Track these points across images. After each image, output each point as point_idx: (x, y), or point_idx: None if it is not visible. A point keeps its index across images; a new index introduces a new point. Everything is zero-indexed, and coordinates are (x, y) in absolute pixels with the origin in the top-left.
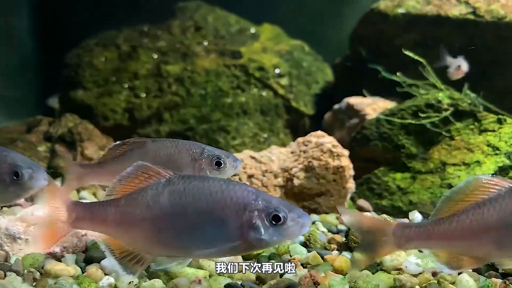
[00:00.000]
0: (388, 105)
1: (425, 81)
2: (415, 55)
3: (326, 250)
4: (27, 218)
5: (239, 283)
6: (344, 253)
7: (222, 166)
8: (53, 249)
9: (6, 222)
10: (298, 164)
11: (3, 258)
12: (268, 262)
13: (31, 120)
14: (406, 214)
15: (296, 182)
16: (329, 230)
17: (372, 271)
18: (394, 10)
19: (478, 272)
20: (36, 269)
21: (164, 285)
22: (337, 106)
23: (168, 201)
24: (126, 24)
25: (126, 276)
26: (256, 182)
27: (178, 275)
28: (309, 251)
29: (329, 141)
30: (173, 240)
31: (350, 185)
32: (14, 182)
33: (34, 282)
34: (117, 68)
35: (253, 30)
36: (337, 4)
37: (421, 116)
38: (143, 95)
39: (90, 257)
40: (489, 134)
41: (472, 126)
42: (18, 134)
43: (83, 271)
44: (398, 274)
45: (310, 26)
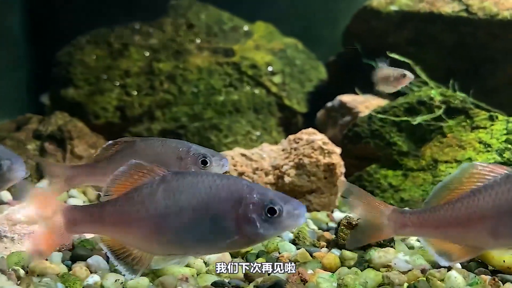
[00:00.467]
0: (380, 102)
1: (418, 78)
2: (408, 52)
3: (315, 247)
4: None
5: (226, 281)
6: (333, 250)
7: (208, 165)
8: (38, 247)
9: None
10: (289, 161)
11: None
12: (267, 262)
13: (21, 118)
14: None
15: (286, 179)
16: (319, 228)
17: (360, 268)
18: (387, 7)
19: (468, 269)
20: (21, 267)
21: (150, 283)
22: (329, 104)
23: (163, 198)
24: (119, 22)
25: (128, 275)
26: (247, 179)
27: (165, 273)
28: (298, 249)
29: (319, 138)
30: (170, 237)
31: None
32: None
33: (18, 281)
34: (108, 65)
35: (246, 28)
36: (331, 1)
37: (414, 114)
38: (135, 93)
39: (77, 255)
40: (481, 131)
41: (464, 123)
42: (7, 132)
43: (69, 269)
44: (386, 271)
45: (305, 24)
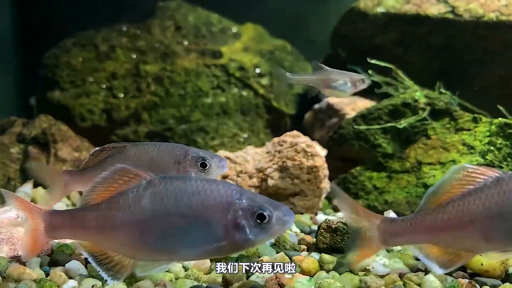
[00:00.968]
0: (367, 104)
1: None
2: (395, 54)
3: (295, 251)
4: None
5: (205, 286)
6: (312, 254)
7: (207, 167)
8: (16, 252)
9: None
10: (273, 164)
11: None
12: (267, 262)
13: (5, 121)
14: (381, 214)
15: (270, 182)
16: (301, 231)
17: (339, 272)
18: (374, 9)
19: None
20: None
21: None
22: (317, 106)
23: (150, 203)
24: (107, 24)
25: (111, 282)
26: (230, 182)
27: (143, 278)
28: (278, 252)
29: (303, 141)
30: (157, 243)
31: (325, 185)
32: None
33: None
34: (95, 68)
35: (235, 30)
36: (322, 3)
37: (399, 116)
38: (121, 96)
39: (56, 260)
40: (464, 133)
41: (448, 125)
42: None
43: (47, 275)
44: (364, 275)
45: (295, 26)
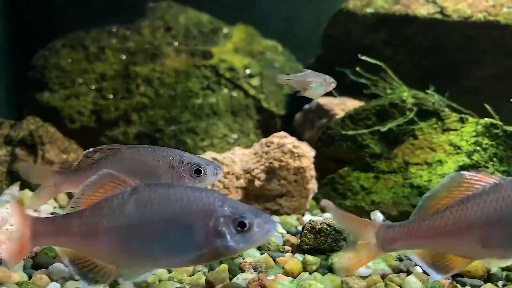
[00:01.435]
0: (357, 105)
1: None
2: (384, 55)
3: (279, 252)
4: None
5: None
6: (296, 255)
7: (202, 174)
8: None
9: None
10: (260, 165)
11: None
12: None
13: None
14: (368, 214)
15: (257, 183)
16: (288, 232)
17: (322, 273)
18: (363, 10)
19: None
20: None
21: None
22: (307, 106)
23: (134, 210)
24: (98, 25)
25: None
26: (217, 184)
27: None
28: (262, 254)
29: (290, 142)
30: (140, 250)
31: (312, 185)
32: None
33: None
34: (84, 69)
35: (225, 30)
36: (314, 4)
37: (386, 117)
38: (111, 97)
39: (39, 262)
40: (451, 133)
41: (435, 126)
42: None
43: (30, 278)
44: (346, 276)
45: (287, 26)
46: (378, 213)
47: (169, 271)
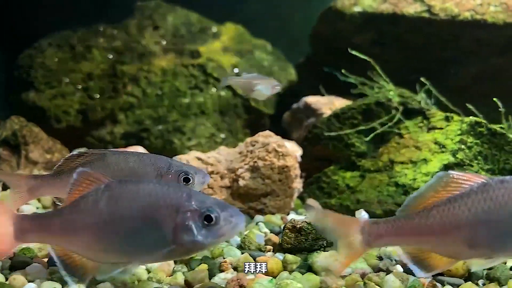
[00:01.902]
0: (345, 104)
1: (381, 79)
2: (373, 53)
3: (260, 251)
4: None
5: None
6: (277, 254)
7: (190, 182)
8: None
9: None
10: (245, 164)
11: None
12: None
13: None
14: (353, 213)
15: (241, 182)
16: (271, 231)
17: (302, 272)
18: (351, 9)
19: (408, 272)
20: None
21: None
22: (295, 106)
23: (106, 206)
24: (85, 25)
25: (74, 284)
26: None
27: (103, 280)
28: (243, 253)
29: (274, 141)
30: (114, 245)
31: (296, 185)
32: None
33: None
34: (71, 69)
35: (215, 29)
36: (306, 2)
37: (372, 116)
38: (97, 96)
39: (17, 263)
40: (437, 132)
41: (421, 124)
42: None
43: (7, 279)
44: (326, 275)
45: (279, 25)
46: (363, 211)
47: (148, 271)
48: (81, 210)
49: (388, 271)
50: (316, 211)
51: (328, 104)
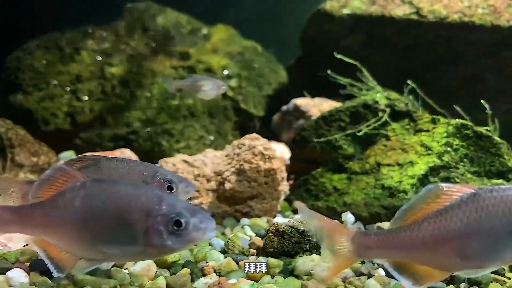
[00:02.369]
0: (333, 105)
1: (370, 81)
2: (361, 55)
3: (244, 255)
4: None
5: None
6: (260, 258)
7: (173, 191)
8: None
9: None
10: (231, 167)
11: None
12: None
13: None
14: (340, 215)
15: (227, 185)
16: (257, 234)
17: (284, 276)
18: (340, 11)
19: (391, 276)
20: None
21: None
22: (285, 108)
23: (81, 204)
24: (73, 26)
25: (56, 274)
26: (192, 182)
27: (85, 284)
28: (226, 257)
29: (261, 143)
30: (88, 243)
31: (283, 187)
32: None
33: None
34: (59, 71)
35: (205, 31)
36: (297, 4)
37: (359, 118)
38: (86, 98)
39: None
40: (423, 134)
41: (407, 127)
42: None
43: None
44: (307, 279)
45: (271, 27)
46: (349, 214)
47: (130, 275)
48: (58, 206)
49: (369, 275)
50: (309, 215)
51: (317, 106)
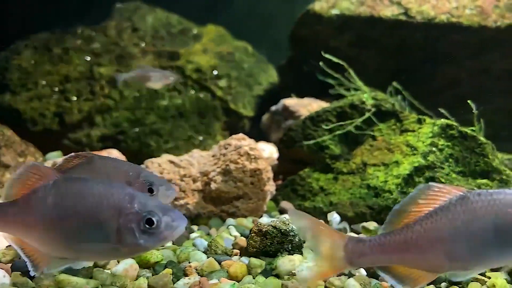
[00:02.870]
0: (322, 106)
1: (357, 81)
2: (350, 56)
3: (226, 255)
4: None
5: None
6: (242, 258)
7: (154, 193)
8: None
9: None
10: (217, 167)
11: None
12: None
13: None
14: (326, 215)
15: (213, 186)
16: (241, 234)
17: (266, 276)
18: (328, 12)
19: (373, 275)
20: None
21: None
22: (274, 108)
23: (52, 203)
24: (62, 26)
25: (32, 272)
26: (173, 187)
27: (66, 285)
28: (208, 257)
29: (246, 144)
30: (60, 242)
31: (269, 187)
32: None
33: None
34: (47, 71)
35: (195, 31)
36: (289, 5)
37: (346, 118)
38: (74, 99)
39: None
40: (409, 134)
41: (394, 127)
42: None
43: None
44: (288, 279)
45: (263, 28)
46: (335, 214)
47: (112, 276)
48: (31, 204)
49: (350, 275)
50: (302, 218)
51: (306, 106)
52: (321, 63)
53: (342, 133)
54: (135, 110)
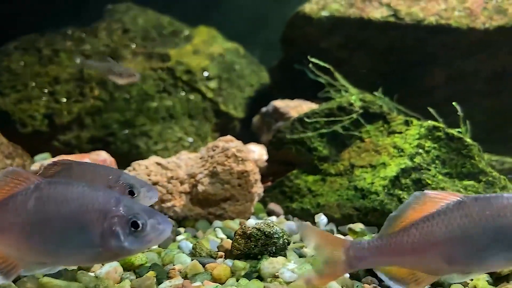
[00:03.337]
0: (312, 107)
1: (346, 83)
2: (340, 57)
3: (211, 258)
4: None
5: None
6: (227, 260)
7: (135, 196)
8: None
9: None
10: (204, 169)
11: None
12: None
13: None
14: (313, 217)
15: (200, 188)
16: (228, 237)
17: (249, 278)
18: (318, 13)
19: (356, 277)
20: None
21: None
22: (264, 109)
23: (34, 207)
24: (52, 28)
25: (1, 280)
26: (160, 189)
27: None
28: (192, 260)
29: (234, 145)
30: (40, 246)
31: (256, 189)
32: None
33: None
34: (37, 72)
35: (186, 32)
36: (281, 6)
37: (335, 120)
38: (64, 100)
39: None
40: (396, 136)
41: (381, 128)
42: None
43: None
44: (270, 281)
45: (255, 29)
46: (322, 215)
47: (96, 279)
48: (9, 209)
49: None
50: (305, 227)
51: (296, 108)
52: (310, 66)
53: (328, 132)
54: (125, 111)
